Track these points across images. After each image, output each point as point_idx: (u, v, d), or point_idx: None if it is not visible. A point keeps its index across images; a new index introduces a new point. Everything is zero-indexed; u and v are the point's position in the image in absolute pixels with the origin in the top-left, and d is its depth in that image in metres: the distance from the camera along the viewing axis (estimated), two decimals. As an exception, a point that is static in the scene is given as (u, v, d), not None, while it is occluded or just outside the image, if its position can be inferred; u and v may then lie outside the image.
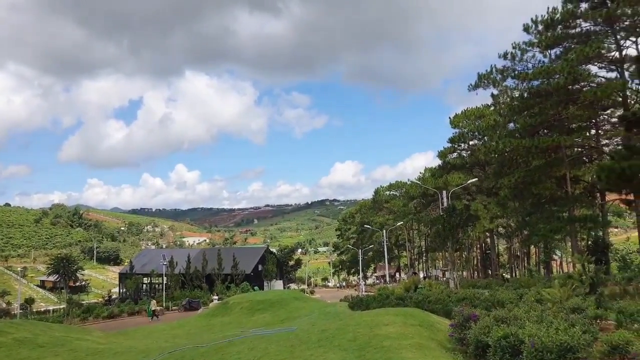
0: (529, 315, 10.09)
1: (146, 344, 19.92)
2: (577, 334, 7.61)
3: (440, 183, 52.71)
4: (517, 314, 10.31)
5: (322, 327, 13.72)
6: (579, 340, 7.48)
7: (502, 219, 59.53)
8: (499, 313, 10.39)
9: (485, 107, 56.21)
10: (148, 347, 18.03)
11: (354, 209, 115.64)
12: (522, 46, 39.86)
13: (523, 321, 9.37)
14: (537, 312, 10.58)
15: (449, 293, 19.08)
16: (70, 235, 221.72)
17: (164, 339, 24.03)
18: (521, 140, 36.81)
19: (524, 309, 11.30)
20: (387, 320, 12.34)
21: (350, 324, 12.76)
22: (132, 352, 16.57)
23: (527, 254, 77.20)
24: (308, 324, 16.19)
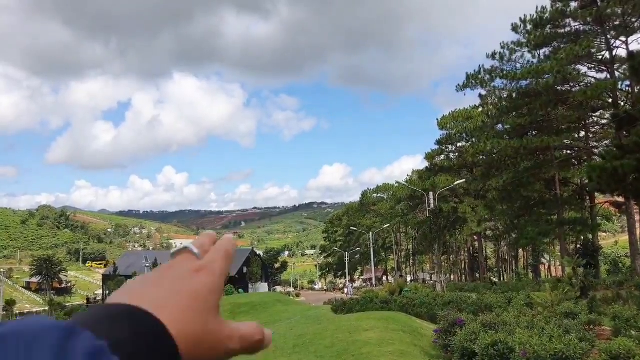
0: (519, 321, 9.35)
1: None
2: (573, 342, 6.84)
3: (427, 185, 52.06)
4: (507, 319, 9.55)
5: (300, 332, 12.91)
6: (575, 348, 6.71)
7: (490, 222, 59.12)
8: (486, 318, 9.62)
9: (473, 109, 55.71)
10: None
11: (341, 212, 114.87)
12: (510, 46, 39.42)
13: (513, 327, 8.60)
14: (528, 317, 9.83)
15: (435, 296, 18.32)
16: (57, 237, 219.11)
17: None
18: (510, 141, 36.29)
19: (513, 313, 10.57)
20: (368, 325, 11.55)
21: (330, 328, 11.97)
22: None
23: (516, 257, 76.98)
24: (287, 328, 15.33)
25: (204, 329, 0.45)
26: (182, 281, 0.47)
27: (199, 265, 0.49)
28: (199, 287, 0.47)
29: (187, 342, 0.43)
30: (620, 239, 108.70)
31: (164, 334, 0.42)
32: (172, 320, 0.43)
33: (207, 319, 0.46)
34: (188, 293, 0.46)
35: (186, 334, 0.43)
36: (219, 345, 0.47)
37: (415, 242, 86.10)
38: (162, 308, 0.43)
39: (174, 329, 0.42)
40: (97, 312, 0.42)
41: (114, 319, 0.41)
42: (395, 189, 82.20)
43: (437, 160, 59.94)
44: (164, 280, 0.47)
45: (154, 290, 0.46)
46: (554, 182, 39.64)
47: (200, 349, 0.45)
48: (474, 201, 53.36)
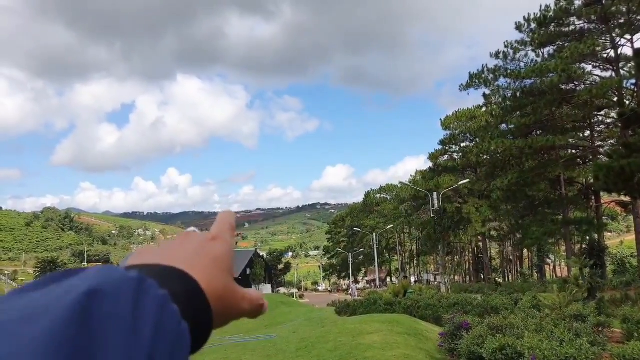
0: (527, 324, 9.08)
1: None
2: (585, 346, 6.59)
3: (431, 185, 51.79)
4: (514, 321, 9.29)
5: (303, 335, 12.68)
6: (587, 353, 6.47)
7: (495, 222, 58.78)
8: (493, 321, 9.37)
9: (476, 108, 55.44)
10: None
11: (344, 213, 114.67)
12: (514, 45, 39.20)
13: (521, 330, 8.35)
14: (536, 319, 9.56)
15: (440, 298, 18.08)
16: (61, 239, 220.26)
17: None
18: (514, 140, 35.99)
19: (520, 316, 10.30)
20: (372, 328, 11.32)
21: (333, 331, 11.73)
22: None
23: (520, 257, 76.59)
24: (289, 331, 15.11)
25: (225, 286, 0.50)
26: (202, 247, 0.53)
27: (213, 235, 0.55)
28: (217, 251, 0.53)
29: (213, 298, 0.48)
30: (626, 238, 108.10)
31: (199, 291, 0.47)
32: (200, 279, 0.47)
33: (226, 279, 0.51)
34: (209, 256, 0.52)
35: (212, 290, 0.48)
36: (235, 303, 0.52)
37: (419, 243, 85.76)
38: (191, 268, 0.48)
39: (204, 287, 0.47)
40: (144, 268, 0.45)
41: (162, 274, 0.45)
42: (399, 190, 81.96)
43: (441, 161, 59.66)
44: (185, 246, 0.53)
45: (180, 254, 0.51)
46: (559, 182, 39.28)
47: (221, 305, 0.49)
48: (478, 201, 53.06)
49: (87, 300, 0.35)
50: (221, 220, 0.61)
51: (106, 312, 0.35)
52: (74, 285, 0.37)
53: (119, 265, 0.43)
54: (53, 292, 0.36)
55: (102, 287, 0.37)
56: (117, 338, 0.35)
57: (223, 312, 0.50)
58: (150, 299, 0.39)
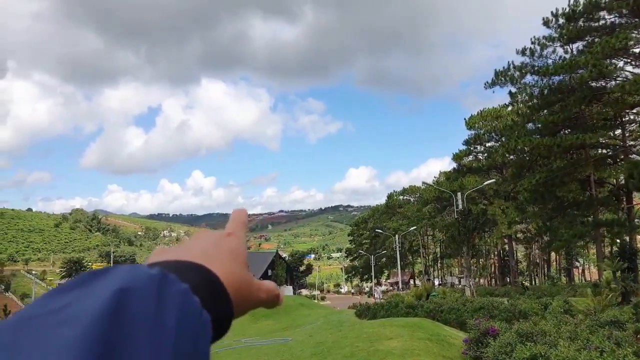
0: (560, 331, 8.36)
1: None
2: (629, 357, 5.88)
3: (455, 186, 50.69)
4: (545, 328, 8.57)
5: (319, 339, 12.12)
6: (631, 365, 5.76)
7: (522, 224, 57.26)
8: (522, 327, 8.66)
9: (502, 108, 54.15)
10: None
11: (367, 214, 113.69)
12: (541, 41, 37.88)
13: (554, 338, 7.64)
14: (570, 326, 8.80)
15: (464, 301, 17.29)
16: (89, 240, 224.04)
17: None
18: (542, 139, 34.76)
19: (552, 322, 9.55)
20: (391, 333, 10.69)
21: (350, 336, 11.14)
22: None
23: (548, 260, 74.71)
24: (306, 334, 14.57)
25: (241, 277, 0.54)
26: (218, 242, 0.56)
27: (227, 232, 0.59)
28: (232, 245, 0.56)
29: (232, 289, 0.51)
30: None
31: (218, 283, 0.50)
32: (218, 271, 0.50)
33: (243, 270, 0.55)
34: (225, 250, 0.55)
35: (230, 281, 0.51)
36: (252, 294, 0.55)
37: (443, 245, 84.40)
38: (209, 262, 0.51)
39: (223, 279, 0.50)
40: (164, 264, 0.49)
41: (182, 269, 0.48)
42: (422, 191, 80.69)
43: (465, 161, 58.46)
44: (202, 242, 0.56)
45: (197, 250, 0.54)
46: (589, 182, 37.90)
47: (240, 295, 0.52)
48: (503, 203, 51.75)
49: (117, 299, 0.37)
50: (234, 218, 0.64)
51: (134, 309, 0.38)
52: (104, 285, 0.39)
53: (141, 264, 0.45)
54: (86, 293, 0.38)
55: (129, 286, 0.39)
56: (145, 332, 0.37)
57: (241, 302, 0.53)
58: (172, 293, 0.41)
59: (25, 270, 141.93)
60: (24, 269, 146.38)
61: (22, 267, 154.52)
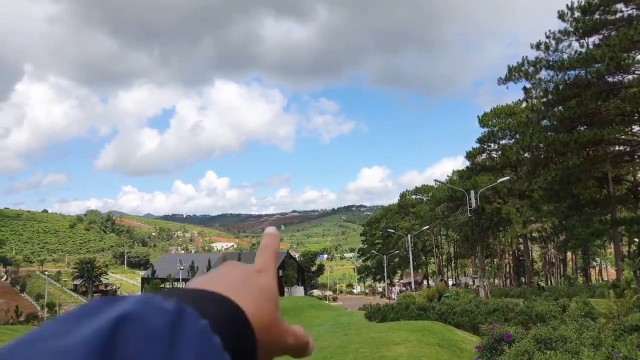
0: (582, 336, 7.67)
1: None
2: (663, 369, 5.22)
3: (468, 185, 49.78)
4: (566, 333, 7.88)
5: (324, 344, 11.53)
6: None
7: (537, 224, 56.15)
8: (540, 332, 7.99)
9: (516, 105, 53.11)
10: None
11: (379, 214, 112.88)
12: (557, 35, 36.88)
13: (575, 345, 6.97)
14: (593, 331, 8.10)
15: (478, 303, 16.59)
16: (103, 241, 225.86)
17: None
18: (558, 135, 33.80)
19: (572, 326, 8.84)
20: (399, 338, 10.06)
21: (355, 340, 10.54)
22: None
23: (564, 260, 73.36)
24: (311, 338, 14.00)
25: (271, 317, 0.49)
26: (249, 277, 0.51)
27: (258, 267, 0.53)
28: (263, 282, 0.51)
29: (259, 327, 0.46)
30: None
31: (244, 319, 0.45)
32: (248, 307, 0.46)
33: (273, 310, 0.49)
34: (256, 286, 0.50)
35: (258, 319, 0.46)
36: (280, 337, 0.50)
37: (456, 245, 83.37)
38: (238, 296, 0.46)
39: (249, 314, 0.46)
40: (187, 294, 0.44)
41: (204, 301, 0.43)
42: (435, 190, 79.68)
43: (479, 159, 57.51)
44: (233, 275, 0.51)
45: (227, 282, 0.49)
46: (606, 180, 36.84)
47: (267, 335, 0.47)
48: (518, 201, 50.72)
49: (115, 327, 0.35)
50: (265, 246, 0.58)
51: (135, 340, 0.35)
52: (107, 318, 0.36)
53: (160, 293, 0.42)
54: (86, 324, 0.35)
55: (133, 314, 0.36)
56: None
57: (268, 344, 0.48)
58: (190, 330, 0.38)
59: (40, 271, 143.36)
60: (39, 270, 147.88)
61: (38, 268, 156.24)
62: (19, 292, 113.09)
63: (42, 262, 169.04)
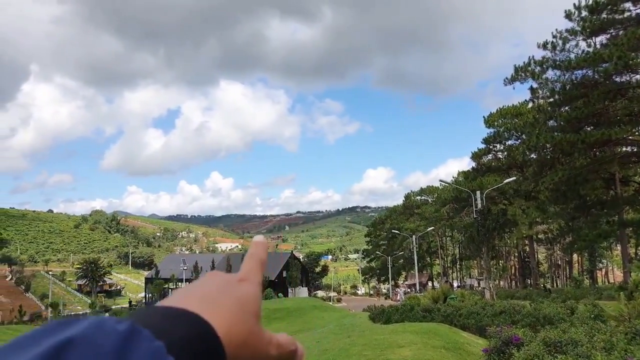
0: (593, 340, 7.41)
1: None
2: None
3: (474, 186, 49.44)
4: (576, 336, 7.62)
5: (326, 346, 11.30)
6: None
7: (543, 225, 55.72)
8: (549, 335, 7.74)
9: (522, 105, 52.72)
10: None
11: (384, 215, 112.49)
12: (563, 34, 36.54)
13: (587, 349, 6.71)
14: (605, 334, 7.83)
15: (484, 305, 16.32)
16: (108, 241, 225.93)
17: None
18: (565, 135, 33.45)
19: (582, 329, 8.58)
20: (403, 340, 9.82)
21: (358, 343, 10.30)
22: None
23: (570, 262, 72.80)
24: (313, 339, 13.76)
25: (249, 331, 0.47)
26: (229, 288, 0.49)
27: (241, 276, 0.52)
28: (244, 294, 0.49)
29: (233, 343, 0.45)
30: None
31: (212, 336, 0.43)
32: (220, 322, 0.44)
33: (251, 322, 0.48)
34: (235, 298, 0.48)
35: (233, 334, 0.45)
36: (260, 349, 0.48)
37: (461, 246, 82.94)
38: (211, 310, 0.45)
39: (222, 330, 0.44)
40: (151, 312, 0.43)
41: (167, 320, 0.42)
42: (440, 191, 79.33)
43: (484, 160, 57.11)
44: (210, 287, 0.49)
45: (204, 295, 0.47)
46: (614, 181, 36.47)
47: (245, 350, 0.46)
48: (524, 202, 50.33)
49: (57, 353, 0.33)
50: (251, 255, 0.56)
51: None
52: (54, 337, 0.34)
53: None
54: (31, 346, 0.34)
55: (80, 338, 0.34)
56: None
57: (247, 358, 0.46)
58: (141, 352, 0.36)
59: (45, 271, 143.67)
60: (43, 270, 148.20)
61: (42, 267, 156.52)
62: (23, 291, 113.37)
63: (47, 262, 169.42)
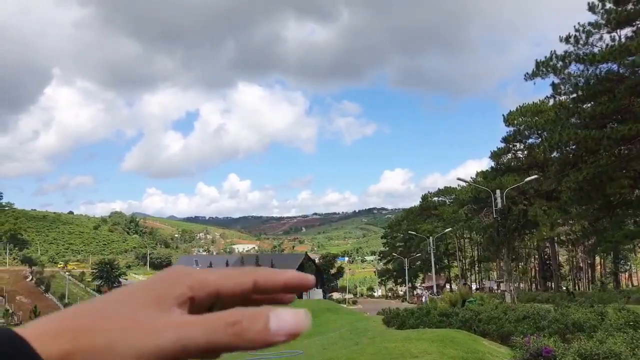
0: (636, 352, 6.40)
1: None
2: None
3: (493, 186, 48.05)
4: (615, 347, 6.61)
5: (332, 354, 10.39)
6: None
7: (565, 227, 54.08)
8: (585, 346, 6.74)
9: (542, 103, 51.17)
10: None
11: (400, 216, 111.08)
12: (587, 27, 35.14)
13: (632, 364, 5.71)
14: (649, 346, 6.78)
15: (505, 309, 15.24)
16: (126, 242, 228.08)
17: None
18: (589, 131, 32.04)
19: (621, 338, 7.54)
20: (417, 349, 8.87)
21: (367, 351, 9.37)
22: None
23: (592, 264, 70.87)
24: (320, 345, 12.85)
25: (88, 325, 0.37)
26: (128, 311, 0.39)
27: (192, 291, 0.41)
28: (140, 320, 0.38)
29: (82, 350, 0.36)
30: None
31: (28, 354, 0.36)
32: (51, 337, 0.37)
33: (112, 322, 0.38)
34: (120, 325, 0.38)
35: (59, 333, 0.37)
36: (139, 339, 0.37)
37: (480, 248, 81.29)
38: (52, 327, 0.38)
39: (54, 342, 0.36)
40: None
41: None
42: (458, 192, 77.79)
43: (504, 160, 55.59)
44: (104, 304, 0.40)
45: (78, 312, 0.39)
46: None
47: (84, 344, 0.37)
48: (545, 203, 48.81)
49: None
50: (258, 273, 0.42)
51: None
52: None
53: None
54: None
55: None
56: None
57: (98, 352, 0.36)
58: None
59: (65, 272, 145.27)
60: (63, 271, 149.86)
61: (62, 268, 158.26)
62: (43, 292, 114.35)
63: (67, 263, 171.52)
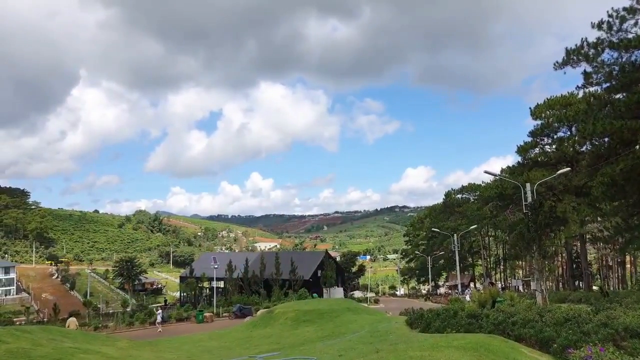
0: None
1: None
2: None
3: (520, 181, 46.18)
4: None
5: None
6: None
7: (595, 223, 51.95)
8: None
9: (571, 95, 49.02)
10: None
11: (423, 214, 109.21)
12: (620, 13, 33.11)
13: None
14: None
15: (541, 311, 13.89)
16: (150, 240, 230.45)
17: (190, 353, 20.43)
18: (626, 121, 30.17)
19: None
20: (445, 358, 7.68)
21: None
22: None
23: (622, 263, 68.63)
24: (336, 352, 11.71)
25: None
26: None
27: None
28: None
29: None
30: None
31: None
32: None
33: None
34: None
35: None
36: None
37: (506, 246, 79.14)
38: None
39: None
40: None
41: None
42: (482, 189, 75.68)
43: (531, 154, 53.49)
44: None
45: None
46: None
47: None
48: (575, 199, 46.78)
49: None
50: None
51: None
52: None
53: None
54: None
55: None
56: None
57: None
58: None
59: (89, 269, 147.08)
60: (88, 268, 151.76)
61: (87, 266, 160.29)
62: (68, 289, 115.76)
63: (91, 261, 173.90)
